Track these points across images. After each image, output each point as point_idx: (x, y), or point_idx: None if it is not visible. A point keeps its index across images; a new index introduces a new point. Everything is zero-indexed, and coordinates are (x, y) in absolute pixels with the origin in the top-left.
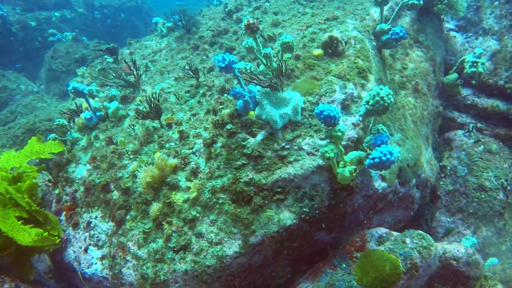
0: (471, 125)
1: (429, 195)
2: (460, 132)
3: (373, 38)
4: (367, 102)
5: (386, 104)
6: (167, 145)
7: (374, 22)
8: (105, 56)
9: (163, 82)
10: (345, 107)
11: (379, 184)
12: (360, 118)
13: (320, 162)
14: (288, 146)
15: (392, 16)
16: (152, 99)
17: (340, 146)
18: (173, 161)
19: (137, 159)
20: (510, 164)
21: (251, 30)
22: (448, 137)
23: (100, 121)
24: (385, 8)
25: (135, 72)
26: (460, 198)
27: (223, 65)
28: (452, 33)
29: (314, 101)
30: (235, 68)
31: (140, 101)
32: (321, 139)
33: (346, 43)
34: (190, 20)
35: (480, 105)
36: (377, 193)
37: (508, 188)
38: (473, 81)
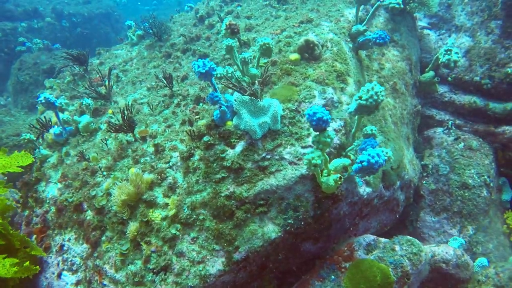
0: (450, 122)
1: (413, 195)
2: (439, 129)
3: (349, 40)
4: (360, 98)
5: (379, 100)
6: (142, 160)
7: (349, 24)
8: (74, 67)
9: (136, 93)
10: None
11: (363, 190)
12: (342, 123)
13: (303, 171)
14: (269, 156)
15: (368, 17)
16: (125, 111)
17: (324, 154)
18: (149, 177)
19: (111, 176)
20: (491, 161)
21: (232, 31)
22: (428, 135)
23: (71, 136)
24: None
25: (106, 83)
26: (444, 197)
27: (204, 70)
28: (426, 31)
29: (294, 108)
30: (214, 75)
31: (112, 113)
32: (303, 147)
33: (322, 46)
34: (161, 27)
35: (457, 102)
36: (362, 199)
37: (491, 185)
38: (449, 78)
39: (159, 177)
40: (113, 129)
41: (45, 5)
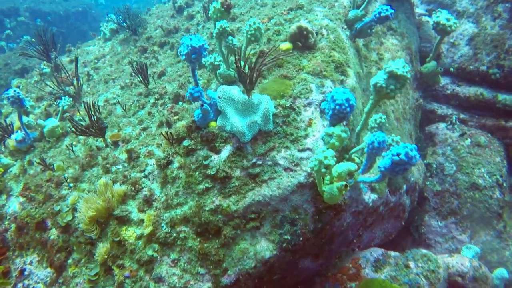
0: (453, 116)
1: (417, 198)
2: (442, 125)
3: (345, 27)
4: (376, 85)
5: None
6: (114, 169)
7: (345, 9)
8: (41, 66)
9: (108, 92)
10: (323, 110)
11: (368, 197)
12: (345, 122)
13: (301, 179)
14: (260, 162)
15: (366, 1)
16: (91, 108)
17: None
18: (121, 188)
19: (78, 188)
20: (503, 158)
21: (227, 7)
22: (430, 132)
23: (36, 143)
24: None
25: (75, 82)
26: (451, 199)
27: (196, 45)
28: (425, 18)
29: (288, 105)
30: (205, 55)
31: (81, 116)
32: (300, 150)
33: (317, 33)
34: (135, 19)
35: (461, 94)
36: (367, 207)
37: (504, 185)
38: (451, 69)
39: (133, 188)
40: (79, 130)
41: (19, 4)
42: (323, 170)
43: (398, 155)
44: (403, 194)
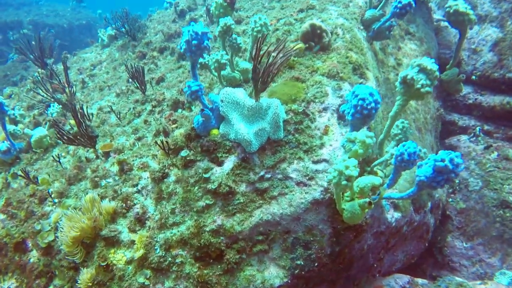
0: (477, 128)
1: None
2: (464, 137)
3: (361, 27)
4: (406, 78)
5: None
6: (103, 182)
7: (360, 9)
8: (35, 74)
9: (103, 100)
10: (343, 116)
11: (392, 216)
12: (367, 127)
13: (316, 194)
14: (269, 176)
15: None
16: (78, 112)
17: None
18: (110, 205)
19: (62, 204)
20: None
21: (231, 1)
22: (451, 144)
23: (22, 154)
24: None
25: (67, 89)
26: (477, 218)
27: (199, 31)
28: (443, 23)
29: (300, 110)
30: (207, 47)
31: (71, 125)
32: (315, 162)
33: (331, 33)
34: (134, 24)
35: (485, 103)
36: (390, 228)
37: None
38: (473, 77)
39: (124, 205)
40: (65, 138)
41: (23, 17)
42: (344, 182)
43: (442, 160)
44: (428, 213)
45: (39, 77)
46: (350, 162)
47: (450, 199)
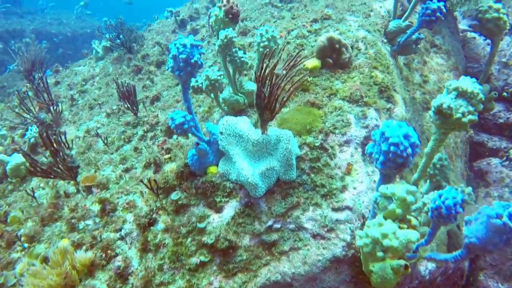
0: (510, 151)
1: None
2: (495, 160)
3: (385, 40)
4: (442, 107)
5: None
6: (82, 225)
7: (383, 19)
8: (22, 89)
9: (92, 120)
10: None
11: (425, 268)
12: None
13: (337, 251)
14: (278, 226)
15: (411, 7)
16: (51, 138)
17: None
18: (86, 257)
19: (30, 252)
20: None
21: (232, 15)
22: (480, 168)
23: None
24: (391, 2)
25: (52, 108)
26: None
27: (187, 44)
28: (470, 34)
29: (317, 144)
30: (198, 63)
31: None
32: (335, 209)
33: (352, 48)
34: (130, 35)
35: None
36: (424, 282)
37: None
38: (505, 93)
39: (104, 255)
40: (39, 171)
41: (27, 25)
42: (379, 254)
43: (499, 217)
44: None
45: (27, 93)
46: (389, 228)
47: None
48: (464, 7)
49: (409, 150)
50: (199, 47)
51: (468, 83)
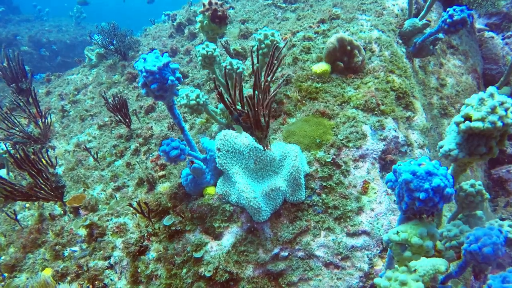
0: None
1: None
2: None
3: (400, 41)
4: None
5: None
6: (67, 252)
7: (397, 18)
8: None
9: (83, 133)
10: (386, 167)
11: None
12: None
13: (353, 282)
14: (285, 254)
15: (427, 5)
16: (33, 160)
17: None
18: None
19: (9, 283)
20: None
21: (215, 16)
22: (499, 176)
23: None
24: (404, 0)
25: (40, 122)
26: None
27: (154, 68)
28: (488, 34)
29: (329, 160)
30: (174, 83)
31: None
32: (350, 234)
33: (365, 49)
34: (123, 41)
35: None
36: None
37: None
38: None
39: (91, 287)
40: (17, 194)
41: (24, 33)
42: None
43: None
44: (488, 274)
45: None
46: (410, 278)
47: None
48: (482, 9)
49: (438, 203)
50: (169, 64)
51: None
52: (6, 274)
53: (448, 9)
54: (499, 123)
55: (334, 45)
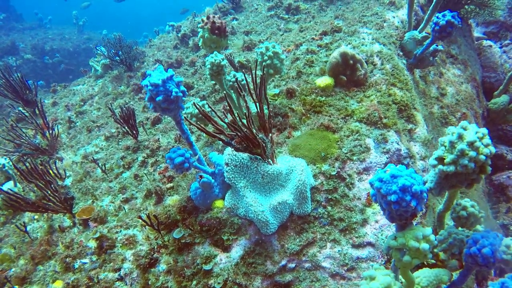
0: None
1: None
2: None
3: (401, 54)
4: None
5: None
6: (77, 264)
7: (397, 31)
8: (19, 108)
9: (90, 144)
10: None
11: None
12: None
13: None
14: (293, 265)
15: (426, 17)
16: (41, 172)
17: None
18: None
19: None
20: None
21: (220, 30)
22: (500, 182)
23: None
24: (404, 12)
25: (47, 133)
26: None
27: (158, 81)
28: (486, 42)
29: (334, 173)
30: (179, 96)
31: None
32: (355, 245)
33: (367, 63)
34: (129, 52)
35: None
36: None
37: None
38: None
39: None
40: (23, 205)
41: (27, 41)
42: None
43: None
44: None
45: (24, 113)
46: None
47: None
48: (479, 18)
49: (413, 204)
50: (172, 78)
51: (475, 139)
52: (16, 287)
53: (433, 18)
54: (471, 165)
55: (337, 59)
